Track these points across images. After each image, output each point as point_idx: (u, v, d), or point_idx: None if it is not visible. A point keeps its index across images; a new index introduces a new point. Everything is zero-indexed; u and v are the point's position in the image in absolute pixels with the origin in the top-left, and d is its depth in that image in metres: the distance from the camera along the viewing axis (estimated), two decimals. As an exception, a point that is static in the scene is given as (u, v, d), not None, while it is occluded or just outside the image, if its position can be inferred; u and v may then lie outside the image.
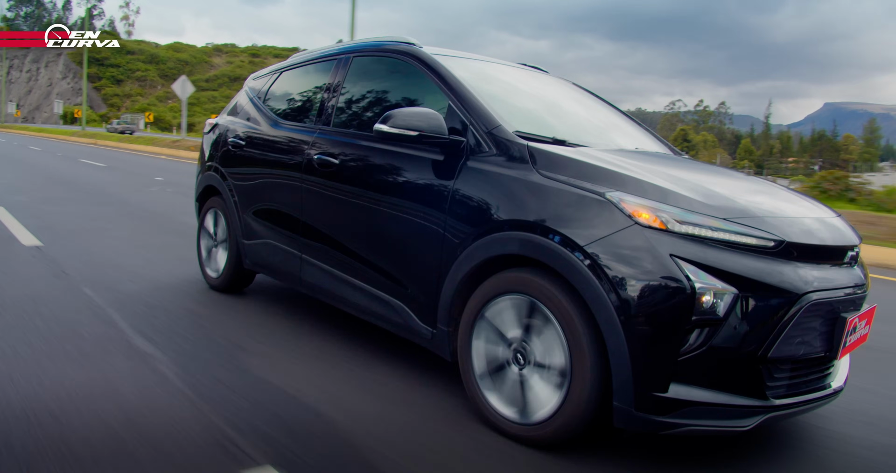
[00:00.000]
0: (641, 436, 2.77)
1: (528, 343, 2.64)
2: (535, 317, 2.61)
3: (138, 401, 2.77)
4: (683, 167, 3.11)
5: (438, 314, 2.99)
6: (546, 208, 2.61)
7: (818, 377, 2.68)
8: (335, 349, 3.63)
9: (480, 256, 2.77)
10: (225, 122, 4.87)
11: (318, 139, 3.78)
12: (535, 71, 4.32)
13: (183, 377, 3.06)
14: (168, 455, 2.35)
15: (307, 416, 2.76)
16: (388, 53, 3.68)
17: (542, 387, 2.59)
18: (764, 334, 2.34)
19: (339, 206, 3.55)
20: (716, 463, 2.64)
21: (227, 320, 4.08)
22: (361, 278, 3.42)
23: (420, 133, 2.98)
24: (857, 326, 2.64)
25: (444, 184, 2.99)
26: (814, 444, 2.89)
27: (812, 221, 2.73)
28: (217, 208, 4.77)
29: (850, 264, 2.77)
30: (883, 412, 3.30)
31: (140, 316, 3.97)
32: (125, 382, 2.97)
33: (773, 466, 2.65)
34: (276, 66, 4.80)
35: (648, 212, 2.40)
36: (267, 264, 4.25)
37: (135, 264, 5.42)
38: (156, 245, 6.49)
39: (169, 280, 5.00)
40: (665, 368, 2.30)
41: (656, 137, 4.12)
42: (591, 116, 3.94)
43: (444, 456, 2.52)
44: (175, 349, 3.44)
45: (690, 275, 2.27)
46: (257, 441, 2.47)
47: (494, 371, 2.77)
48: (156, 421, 2.60)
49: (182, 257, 5.83)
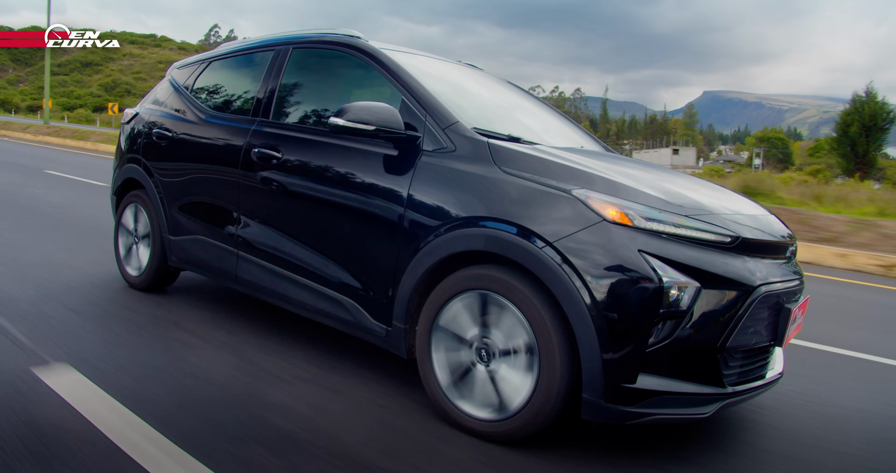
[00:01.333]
0: (601, 429, 2.84)
1: (489, 336, 2.64)
2: (490, 309, 2.62)
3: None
4: (633, 166, 3.20)
5: (394, 311, 2.95)
6: (511, 204, 2.62)
7: (762, 364, 2.83)
8: (270, 342, 3.53)
9: (443, 252, 2.75)
10: (147, 112, 4.62)
11: (256, 132, 3.65)
12: (472, 69, 4.34)
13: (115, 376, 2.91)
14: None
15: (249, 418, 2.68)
16: (331, 46, 3.59)
17: (513, 375, 2.58)
18: (723, 325, 2.45)
19: (282, 201, 3.44)
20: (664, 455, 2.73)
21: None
22: (307, 276, 3.32)
23: (376, 127, 2.93)
24: (797, 316, 2.80)
25: (401, 180, 2.94)
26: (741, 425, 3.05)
27: (757, 218, 2.88)
28: (138, 202, 4.52)
29: (790, 259, 2.94)
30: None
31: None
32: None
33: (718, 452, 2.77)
34: (205, 55, 4.59)
35: (615, 209, 2.45)
36: (196, 261, 4.06)
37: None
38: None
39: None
40: (634, 360, 2.36)
41: (591, 136, 4.22)
42: (532, 114, 3.99)
43: (407, 453, 2.50)
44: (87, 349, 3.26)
45: (658, 270, 2.34)
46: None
47: (461, 378, 2.74)
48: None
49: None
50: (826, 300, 6.54)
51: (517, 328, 2.54)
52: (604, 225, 2.42)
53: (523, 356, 2.54)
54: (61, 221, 7.36)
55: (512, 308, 2.54)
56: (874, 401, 3.60)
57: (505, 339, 2.60)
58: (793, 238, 3.02)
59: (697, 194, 2.87)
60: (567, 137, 3.79)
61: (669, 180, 3.03)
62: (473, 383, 2.70)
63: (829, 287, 7.60)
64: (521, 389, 2.55)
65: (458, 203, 2.76)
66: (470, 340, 2.69)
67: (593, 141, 4.11)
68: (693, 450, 2.75)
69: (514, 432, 2.57)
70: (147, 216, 4.41)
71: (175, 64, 4.85)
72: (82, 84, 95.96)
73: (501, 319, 2.60)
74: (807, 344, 4.56)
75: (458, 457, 2.51)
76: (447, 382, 2.77)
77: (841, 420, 3.28)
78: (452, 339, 2.74)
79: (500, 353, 2.62)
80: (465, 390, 2.73)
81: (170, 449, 2.32)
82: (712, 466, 2.63)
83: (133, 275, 4.55)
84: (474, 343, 2.68)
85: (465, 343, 2.71)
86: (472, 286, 2.67)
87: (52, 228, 6.85)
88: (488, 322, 2.64)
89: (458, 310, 2.71)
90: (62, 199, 9.28)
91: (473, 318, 2.68)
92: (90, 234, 6.54)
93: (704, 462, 2.65)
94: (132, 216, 4.61)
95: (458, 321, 2.72)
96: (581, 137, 3.99)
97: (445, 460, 2.49)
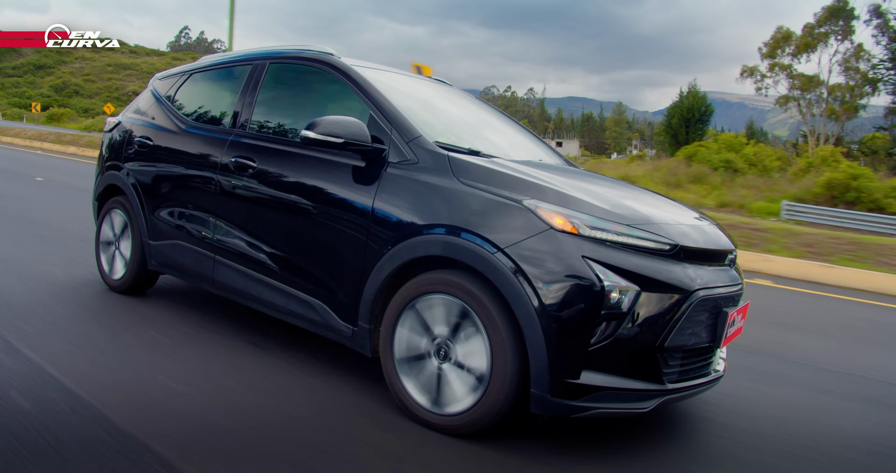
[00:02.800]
0: (552, 423, 3.04)
1: (453, 343, 2.83)
2: (462, 319, 2.80)
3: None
4: (585, 178, 3.41)
5: (360, 312, 3.14)
6: (467, 213, 2.82)
7: (704, 364, 3.04)
8: (251, 346, 3.71)
9: (404, 257, 2.95)
10: (128, 121, 4.79)
11: (233, 142, 3.83)
12: (441, 84, 4.55)
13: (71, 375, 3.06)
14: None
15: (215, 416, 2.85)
16: (305, 62, 3.78)
17: (458, 385, 2.79)
18: (662, 326, 2.66)
19: (257, 208, 3.62)
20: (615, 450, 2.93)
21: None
22: (278, 279, 3.50)
23: (344, 140, 3.12)
24: (735, 319, 3.02)
25: (367, 189, 3.14)
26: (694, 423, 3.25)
27: (697, 227, 3.09)
28: (119, 208, 4.68)
29: (730, 266, 3.15)
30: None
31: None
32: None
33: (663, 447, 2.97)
34: (185, 67, 4.77)
35: (562, 218, 2.66)
36: (175, 265, 4.23)
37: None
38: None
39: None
40: (577, 357, 2.57)
41: (552, 149, 4.44)
42: (496, 128, 4.21)
43: (362, 450, 2.68)
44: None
45: (600, 274, 2.55)
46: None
47: (414, 359, 2.94)
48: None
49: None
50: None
51: (479, 351, 2.73)
52: (551, 233, 2.63)
53: (474, 379, 2.75)
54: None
55: (481, 329, 2.72)
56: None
57: (465, 355, 2.79)
58: (733, 247, 3.24)
59: (644, 205, 3.08)
60: (528, 150, 4.00)
61: (620, 192, 3.24)
62: (422, 370, 2.92)
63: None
64: (460, 400, 2.79)
65: (419, 212, 2.96)
66: (436, 335, 2.88)
67: (555, 155, 4.32)
68: (645, 445, 2.95)
69: (451, 428, 2.79)
70: (128, 222, 4.57)
71: (157, 75, 5.01)
72: (34, 85, 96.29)
73: (470, 336, 2.78)
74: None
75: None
76: (401, 356, 2.98)
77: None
78: (421, 324, 2.93)
79: (456, 363, 2.82)
80: (413, 370, 2.94)
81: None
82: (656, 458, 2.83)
83: (113, 278, 4.70)
84: (437, 339, 2.87)
85: (429, 334, 2.90)
86: (432, 290, 2.87)
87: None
88: (458, 330, 2.82)
89: (436, 304, 2.88)
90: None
91: (447, 318, 2.86)
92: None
93: (650, 455, 2.85)
94: (113, 222, 4.76)
95: (433, 312, 2.89)
96: (542, 152, 4.19)
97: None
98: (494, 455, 2.68)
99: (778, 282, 8.70)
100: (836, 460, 3.04)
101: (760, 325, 5.39)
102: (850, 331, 6.25)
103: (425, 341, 2.91)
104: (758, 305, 4.67)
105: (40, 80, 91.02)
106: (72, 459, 2.34)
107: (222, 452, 2.52)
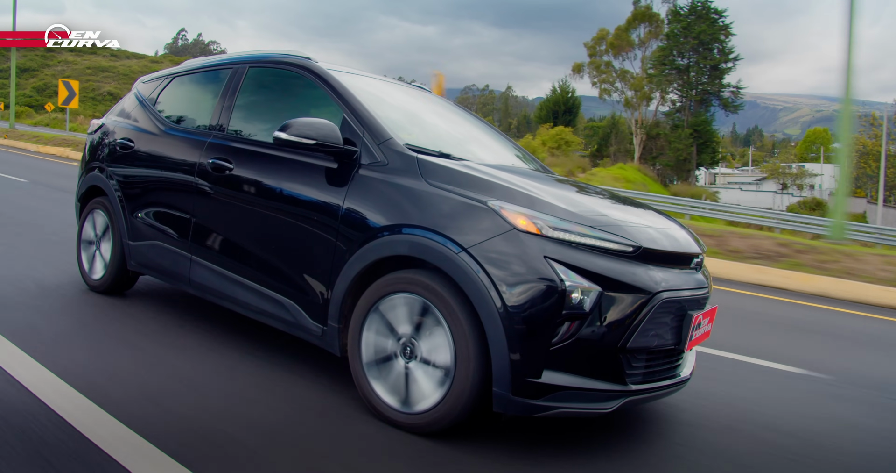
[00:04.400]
0: (517, 421, 3.06)
1: (417, 340, 2.86)
2: (427, 317, 2.83)
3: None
4: (553, 183, 3.44)
5: (329, 311, 3.16)
6: (434, 213, 2.86)
7: (670, 367, 3.07)
8: (226, 348, 3.73)
9: (371, 256, 2.98)
10: (112, 123, 4.83)
11: (212, 144, 3.86)
12: (419, 90, 4.61)
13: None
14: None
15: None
16: (284, 66, 3.83)
17: (425, 382, 2.82)
18: (624, 327, 2.69)
19: (233, 209, 3.66)
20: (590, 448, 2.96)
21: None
22: (252, 279, 3.53)
23: (316, 142, 3.16)
24: (701, 322, 3.05)
25: (338, 190, 3.18)
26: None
27: (663, 231, 3.12)
28: (100, 208, 4.71)
29: (696, 270, 3.19)
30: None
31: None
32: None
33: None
34: (168, 71, 4.82)
35: (526, 219, 2.69)
36: (153, 266, 4.25)
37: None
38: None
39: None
40: (539, 356, 2.59)
41: (529, 156, 4.48)
42: (470, 133, 4.26)
43: (330, 449, 2.70)
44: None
45: (561, 274, 2.58)
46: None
47: (381, 361, 2.96)
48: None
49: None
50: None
51: (443, 346, 2.76)
52: (514, 233, 2.66)
53: (440, 374, 2.77)
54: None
55: (444, 325, 2.75)
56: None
57: (429, 351, 2.82)
58: (700, 251, 3.27)
59: (609, 209, 3.11)
60: (501, 155, 4.05)
61: (588, 197, 3.28)
62: (390, 371, 2.94)
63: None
64: (428, 397, 2.80)
65: (387, 212, 2.99)
66: (400, 334, 2.91)
67: (531, 161, 4.36)
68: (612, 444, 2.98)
69: (420, 426, 2.81)
70: (108, 222, 4.60)
71: (141, 78, 5.06)
72: (19, 86, 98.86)
73: (433, 332, 2.81)
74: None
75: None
76: (369, 360, 3.00)
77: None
78: (385, 326, 2.95)
79: (422, 360, 2.85)
80: (381, 373, 2.96)
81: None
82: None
83: (93, 278, 4.73)
84: (402, 339, 2.90)
85: (394, 335, 2.93)
86: (399, 289, 2.90)
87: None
88: (421, 327, 2.86)
89: (398, 304, 2.92)
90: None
91: (410, 317, 2.89)
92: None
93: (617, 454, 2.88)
94: (94, 223, 4.79)
95: (396, 313, 2.92)
96: (516, 157, 4.23)
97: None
98: (457, 455, 2.70)
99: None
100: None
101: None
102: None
103: (391, 341, 2.94)
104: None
105: (24, 82, 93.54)
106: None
107: (208, 453, 2.53)
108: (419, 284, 2.82)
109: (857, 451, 3.35)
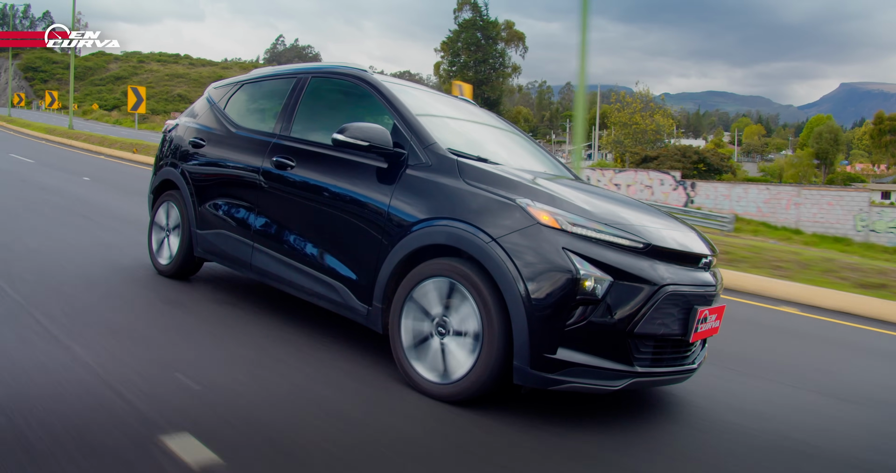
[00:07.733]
0: (536, 395, 3.43)
1: (448, 317, 3.27)
2: (454, 296, 3.24)
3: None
4: (577, 188, 3.78)
5: (374, 293, 3.59)
6: (469, 208, 3.27)
7: (678, 356, 3.41)
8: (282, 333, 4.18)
9: (414, 245, 3.40)
10: (185, 123, 5.35)
11: (276, 145, 4.33)
12: (463, 101, 5.04)
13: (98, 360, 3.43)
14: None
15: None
16: (343, 76, 4.30)
17: (459, 352, 3.22)
18: (632, 314, 3.05)
19: (292, 202, 4.12)
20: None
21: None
22: (307, 264, 3.98)
23: (370, 144, 3.60)
24: (707, 317, 3.38)
25: (387, 187, 3.61)
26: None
27: (674, 233, 3.47)
28: (171, 200, 5.22)
29: (704, 269, 3.52)
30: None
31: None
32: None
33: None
34: (237, 78, 5.32)
35: (548, 215, 3.09)
36: (218, 252, 4.73)
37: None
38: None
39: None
40: (555, 335, 2.98)
41: (563, 165, 4.87)
42: (505, 142, 4.70)
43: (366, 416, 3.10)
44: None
45: (577, 264, 2.96)
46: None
47: (420, 343, 3.37)
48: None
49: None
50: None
51: (470, 316, 3.17)
52: (537, 227, 3.06)
53: (471, 340, 3.17)
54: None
55: (470, 299, 3.17)
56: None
57: (459, 323, 3.23)
58: (712, 253, 3.60)
59: (625, 212, 3.45)
60: (530, 162, 4.45)
61: (609, 202, 3.62)
62: (428, 350, 3.35)
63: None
64: (463, 364, 3.20)
65: (429, 207, 3.42)
66: (433, 315, 3.32)
67: (562, 168, 4.75)
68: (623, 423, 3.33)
69: (456, 394, 3.20)
70: (178, 213, 5.10)
71: (213, 84, 5.58)
72: (112, 91, 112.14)
73: (461, 306, 3.22)
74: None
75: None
76: (409, 344, 3.41)
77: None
78: (420, 311, 3.37)
79: (454, 332, 3.25)
80: (420, 354, 3.37)
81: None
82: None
83: (163, 263, 5.24)
84: (435, 319, 3.32)
85: (429, 317, 3.34)
86: (437, 273, 3.32)
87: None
88: (450, 305, 3.27)
89: (429, 289, 3.34)
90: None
91: (440, 299, 3.31)
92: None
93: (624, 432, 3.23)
94: (165, 213, 5.31)
95: (428, 298, 3.35)
96: (549, 166, 4.62)
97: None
98: (490, 422, 3.09)
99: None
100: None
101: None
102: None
103: (426, 324, 3.35)
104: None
105: (116, 87, 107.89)
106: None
107: (253, 442, 2.64)
108: (454, 269, 3.23)
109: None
